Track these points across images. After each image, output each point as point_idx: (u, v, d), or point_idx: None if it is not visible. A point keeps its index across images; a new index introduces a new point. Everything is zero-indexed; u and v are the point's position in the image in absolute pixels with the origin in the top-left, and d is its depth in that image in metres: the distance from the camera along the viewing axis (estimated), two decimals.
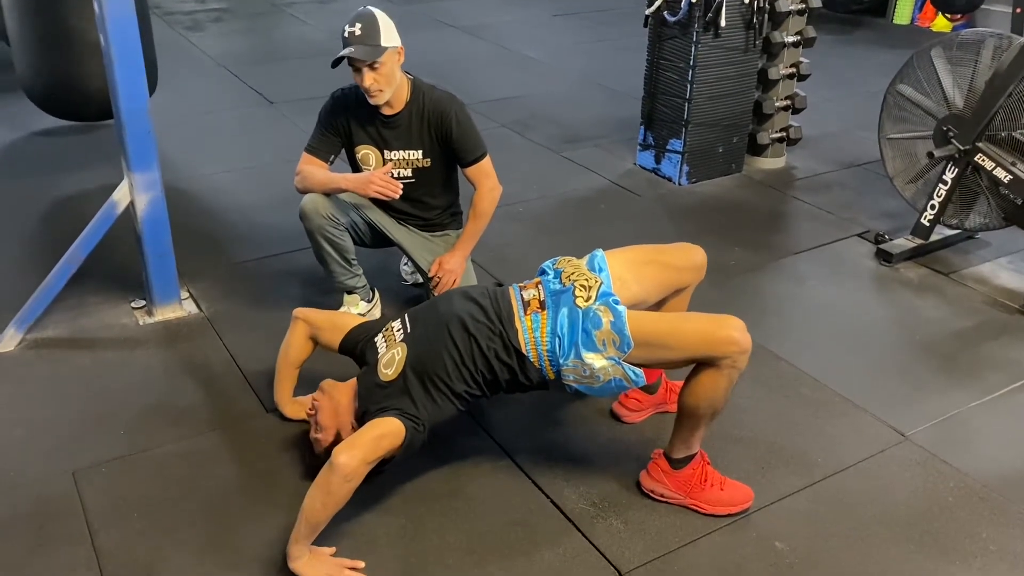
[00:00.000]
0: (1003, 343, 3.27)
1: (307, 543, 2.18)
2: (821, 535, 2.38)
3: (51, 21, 4.17)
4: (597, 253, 2.50)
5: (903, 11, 7.85)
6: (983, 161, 3.60)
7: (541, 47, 7.02)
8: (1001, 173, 3.56)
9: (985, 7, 7.01)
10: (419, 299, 3.35)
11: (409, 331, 2.43)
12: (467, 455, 2.63)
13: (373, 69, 2.84)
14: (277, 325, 2.88)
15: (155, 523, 2.37)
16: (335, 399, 2.42)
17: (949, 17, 7.29)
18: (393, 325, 2.49)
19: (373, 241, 3.23)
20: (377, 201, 3.08)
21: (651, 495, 2.47)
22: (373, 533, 2.35)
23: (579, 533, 2.37)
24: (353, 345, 2.54)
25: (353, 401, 2.41)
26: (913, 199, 3.96)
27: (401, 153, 3.06)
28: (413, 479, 2.51)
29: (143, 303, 3.36)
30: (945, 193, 3.75)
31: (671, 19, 4.27)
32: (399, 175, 3.07)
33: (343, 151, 3.12)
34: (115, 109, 3.00)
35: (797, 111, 4.74)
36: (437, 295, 3.06)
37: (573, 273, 2.41)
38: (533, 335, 2.32)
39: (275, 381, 2.75)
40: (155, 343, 3.16)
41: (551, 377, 2.35)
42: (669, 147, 4.54)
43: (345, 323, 2.62)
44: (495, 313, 2.37)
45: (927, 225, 3.82)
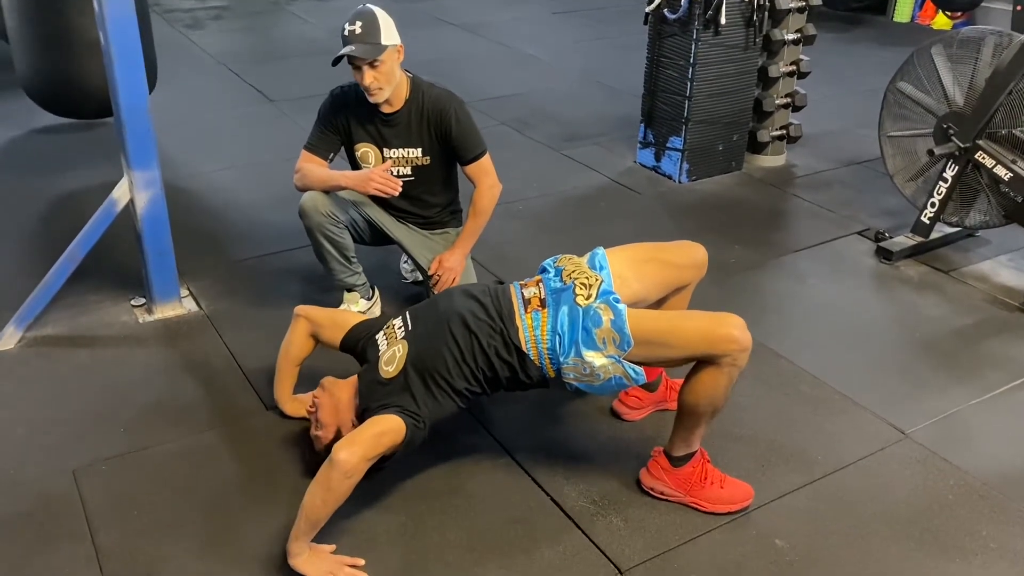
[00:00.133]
0: (1003, 341, 3.27)
1: (307, 540, 2.18)
2: (821, 533, 2.38)
3: (51, 19, 4.17)
4: (598, 251, 2.50)
5: (903, 9, 7.84)
6: (983, 159, 3.60)
7: (541, 45, 7.01)
8: (1001, 171, 3.55)
9: (985, 5, 7.00)
10: (419, 297, 3.35)
11: (410, 328, 2.43)
12: (467, 453, 2.63)
13: (373, 67, 2.84)
14: (277, 323, 2.89)
15: (155, 521, 2.37)
16: (336, 396, 2.42)
17: (949, 15, 7.29)
18: (394, 323, 2.49)
19: (373, 239, 3.23)
20: (377, 199, 3.08)
21: (651, 493, 2.47)
22: (373, 530, 2.35)
23: (579, 531, 2.37)
24: (354, 343, 2.54)
25: (354, 398, 2.41)
26: (913, 197, 3.96)
27: (400, 151, 3.06)
28: (413, 476, 2.51)
29: (143, 301, 3.36)
30: (945, 191, 3.75)
31: (671, 16, 4.27)
32: (398, 173, 3.07)
33: (342, 149, 3.12)
34: (115, 107, 3.00)
35: (797, 109, 4.74)
36: (437, 293, 3.06)
37: (574, 271, 2.41)
38: (534, 333, 2.33)
39: (275, 379, 2.75)
40: (155, 341, 3.16)
41: (551, 375, 2.35)
42: (669, 145, 4.54)
43: (346, 321, 2.62)
44: (496, 311, 2.37)
45: (927, 223, 3.82)
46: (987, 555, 2.32)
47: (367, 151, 3.08)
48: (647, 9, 4.36)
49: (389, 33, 2.85)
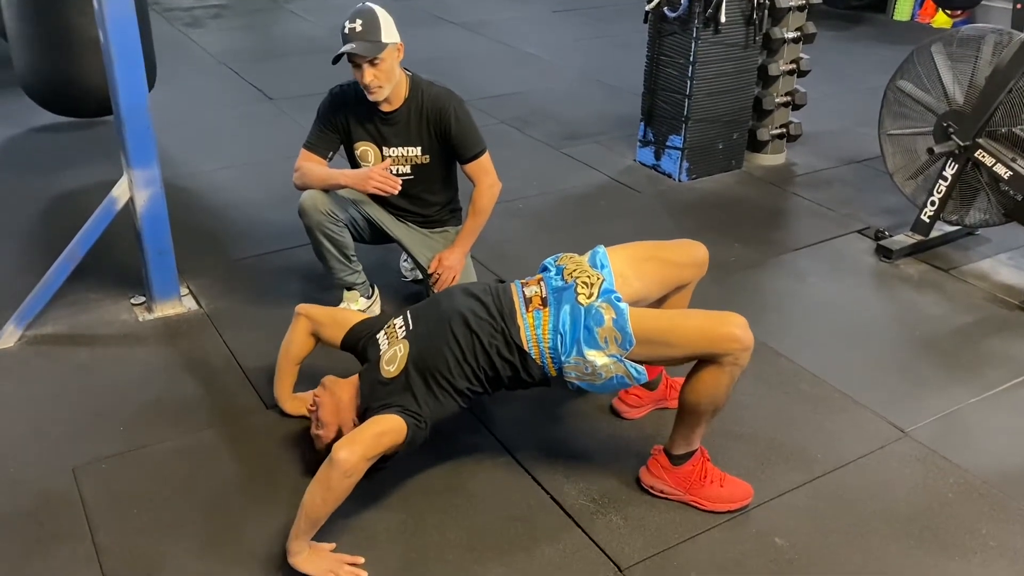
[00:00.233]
0: (1003, 339, 3.27)
1: (307, 539, 2.18)
2: (821, 531, 2.38)
3: (50, 17, 4.17)
4: (599, 249, 2.50)
5: (903, 7, 7.84)
6: (983, 157, 3.60)
7: (541, 43, 7.01)
8: (1001, 169, 3.55)
9: (985, 3, 7.00)
10: (419, 295, 3.35)
11: (411, 328, 2.43)
12: (467, 451, 2.63)
13: (373, 65, 2.83)
14: (276, 321, 2.89)
15: (155, 519, 2.37)
16: (337, 396, 2.42)
17: (949, 13, 7.28)
18: (395, 322, 2.49)
19: (372, 237, 3.23)
20: (376, 197, 3.08)
21: (651, 491, 2.47)
22: (373, 529, 2.35)
23: (579, 529, 2.37)
24: (355, 342, 2.54)
25: (355, 398, 2.41)
26: (913, 195, 3.96)
27: (400, 150, 3.06)
28: (413, 475, 2.51)
29: (143, 299, 3.36)
30: (945, 189, 3.75)
31: (671, 15, 4.27)
32: (398, 172, 3.07)
33: (342, 148, 3.12)
34: (114, 105, 3.00)
35: (797, 107, 4.74)
36: (437, 292, 3.06)
37: (575, 270, 2.40)
38: (535, 332, 2.32)
39: (275, 377, 2.75)
40: (155, 339, 3.16)
41: (553, 374, 2.35)
42: (669, 143, 4.54)
43: (347, 320, 2.62)
44: (497, 310, 2.37)
45: (927, 221, 3.82)
46: (987, 553, 2.33)
47: (366, 150, 3.08)
48: (647, 7, 4.36)
49: (389, 31, 2.85)
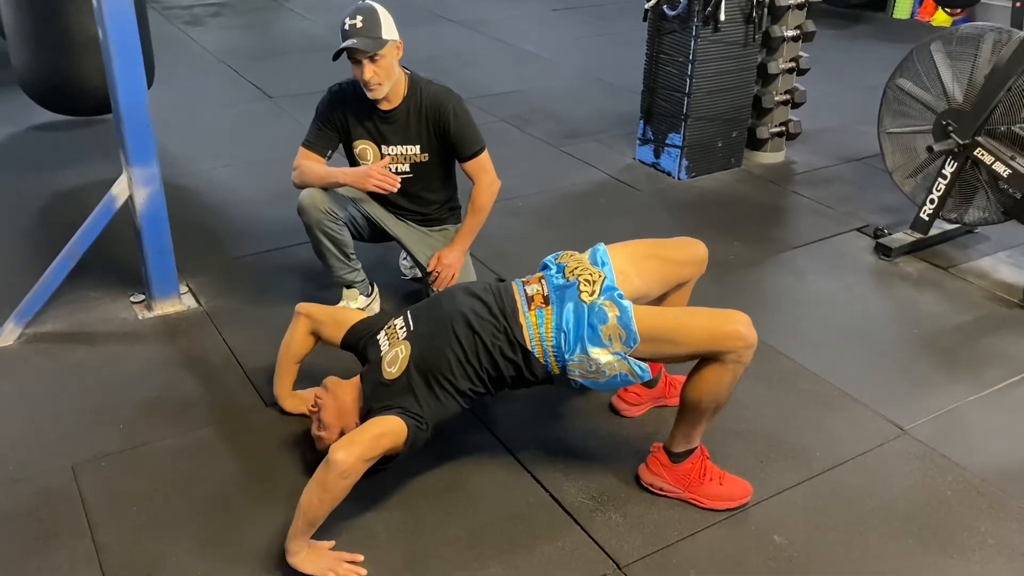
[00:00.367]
0: (1002, 337, 3.27)
1: (306, 538, 2.17)
2: (820, 529, 2.38)
3: (49, 15, 4.16)
4: (599, 247, 2.50)
5: (903, 6, 7.83)
6: (982, 155, 3.60)
7: (540, 42, 7.01)
8: (1000, 167, 3.56)
9: (985, 1, 6.99)
10: (418, 294, 3.36)
11: (412, 328, 2.42)
12: (466, 450, 2.63)
13: (374, 61, 2.83)
14: (276, 320, 2.89)
15: (155, 517, 2.37)
16: (340, 398, 2.41)
17: (949, 11, 7.28)
18: (396, 322, 2.48)
19: (371, 236, 3.23)
20: (375, 196, 3.08)
21: (650, 489, 2.47)
22: (373, 527, 2.35)
23: (578, 527, 2.37)
24: (355, 341, 2.53)
25: (358, 399, 2.40)
26: (912, 193, 3.96)
27: (399, 148, 3.06)
28: (413, 474, 2.51)
29: (142, 298, 3.36)
30: (944, 187, 3.75)
31: (670, 13, 4.27)
32: (397, 170, 3.07)
33: (340, 146, 3.12)
34: (114, 103, 3.00)
35: (796, 105, 4.74)
36: (436, 290, 3.06)
37: (576, 268, 2.40)
38: (538, 331, 2.32)
39: (275, 375, 2.75)
40: (154, 337, 3.17)
41: (556, 372, 2.34)
42: (668, 142, 4.54)
43: (347, 319, 2.61)
44: (499, 309, 2.36)
45: (926, 219, 3.82)
46: (985, 551, 2.33)
47: (365, 148, 3.08)
48: (646, 6, 4.36)
49: (389, 28, 2.86)
